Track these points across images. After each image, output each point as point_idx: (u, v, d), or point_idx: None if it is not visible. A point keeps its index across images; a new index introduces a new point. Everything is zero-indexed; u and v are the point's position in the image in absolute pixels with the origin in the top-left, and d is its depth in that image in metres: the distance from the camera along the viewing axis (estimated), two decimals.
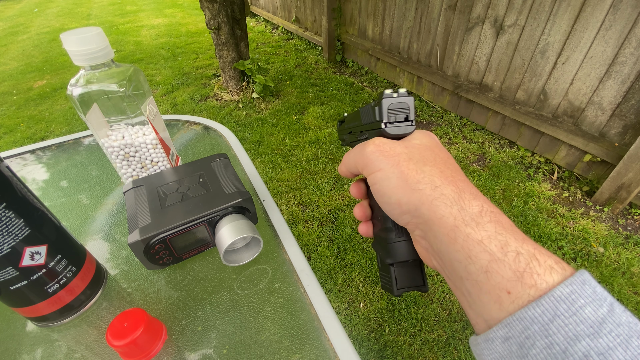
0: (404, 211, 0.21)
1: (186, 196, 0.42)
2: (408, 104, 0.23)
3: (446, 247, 0.19)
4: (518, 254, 0.17)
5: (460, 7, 1.95)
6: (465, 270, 0.18)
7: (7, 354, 0.35)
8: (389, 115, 0.23)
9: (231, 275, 0.42)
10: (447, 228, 0.19)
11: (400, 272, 0.25)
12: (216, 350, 0.35)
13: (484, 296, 0.17)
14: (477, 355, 0.19)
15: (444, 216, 0.19)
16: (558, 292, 0.15)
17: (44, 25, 5.11)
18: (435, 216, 0.19)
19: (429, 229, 0.20)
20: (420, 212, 0.20)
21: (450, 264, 0.19)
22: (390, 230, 0.25)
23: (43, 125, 2.45)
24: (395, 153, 0.22)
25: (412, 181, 0.20)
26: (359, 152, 0.24)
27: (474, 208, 0.19)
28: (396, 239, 0.24)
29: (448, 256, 0.19)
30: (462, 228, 0.18)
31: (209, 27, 2.30)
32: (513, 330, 0.16)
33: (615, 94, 1.47)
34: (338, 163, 1.89)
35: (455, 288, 0.20)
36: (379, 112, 0.24)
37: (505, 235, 0.18)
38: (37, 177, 0.60)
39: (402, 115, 0.23)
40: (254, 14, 4.82)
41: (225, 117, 2.38)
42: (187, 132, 0.71)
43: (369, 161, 0.23)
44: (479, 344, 0.18)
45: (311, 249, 1.42)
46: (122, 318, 0.32)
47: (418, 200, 0.20)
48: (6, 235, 0.29)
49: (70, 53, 0.40)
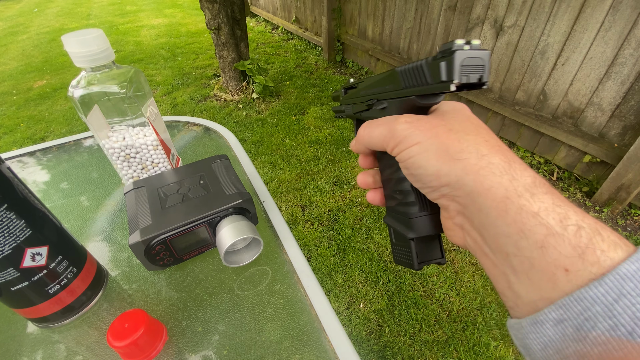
0: (443, 183, 0.19)
1: (187, 197, 0.42)
2: (484, 59, 0.18)
3: (493, 221, 0.17)
4: (579, 228, 0.15)
5: (460, 8, 1.96)
6: (515, 245, 0.16)
7: (8, 354, 0.35)
8: (461, 74, 0.18)
9: (232, 276, 0.42)
10: (496, 200, 0.17)
11: (419, 246, 0.24)
12: (216, 352, 0.35)
13: (535, 274, 0.16)
14: (518, 339, 0.17)
15: (493, 187, 0.17)
16: (624, 269, 0.14)
17: (44, 25, 5.12)
18: (481, 187, 0.17)
19: (471, 202, 0.18)
20: (463, 183, 0.18)
21: (495, 240, 0.17)
22: (412, 204, 0.23)
23: (43, 125, 2.45)
24: (432, 126, 0.20)
25: (454, 150, 0.19)
26: (386, 129, 0.22)
27: (526, 178, 0.17)
28: (419, 214, 0.23)
29: (494, 230, 0.17)
30: (515, 199, 0.16)
31: (209, 28, 2.30)
32: (569, 312, 0.15)
33: (614, 94, 1.47)
34: (338, 163, 1.89)
35: (494, 267, 0.18)
36: (447, 69, 0.18)
37: (565, 208, 0.16)
38: (38, 178, 0.60)
39: (477, 74, 0.18)
40: (254, 14, 4.82)
41: (225, 117, 2.39)
42: (187, 133, 0.71)
43: (402, 138, 0.20)
44: (522, 327, 0.17)
45: (311, 249, 1.42)
46: (123, 319, 0.32)
47: (461, 170, 0.18)
48: (7, 236, 0.29)
49: (71, 55, 0.40)
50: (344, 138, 2.09)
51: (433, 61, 0.19)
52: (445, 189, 0.19)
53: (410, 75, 0.21)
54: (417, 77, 0.20)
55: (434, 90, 0.19)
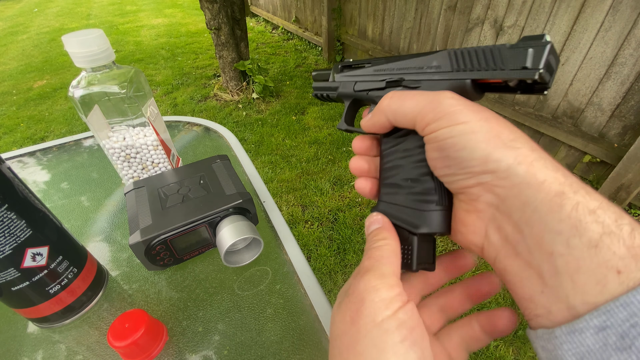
0: (488, 170, 0.17)
1: (187, 197, 0.42)
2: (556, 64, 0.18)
3: (542, 216, 0.16)
4: (633, 228, 0.14)
5: (460, 8, 1.96)
6: (566, 243, 0.15)
7: (9, 354, 0.35)
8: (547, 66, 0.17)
9: (232, 276, 0.42)
10: (550, 194, 0.16)
11: (420, 245, 0.21)
12: (217, 352, 0.35)
13: (583, 276, 0.15)
14: (547, 351, 0.16)
15: (547, 180, 0.16)
16: None
17: (44, 25, 5.11)
18: (534, 179, 0.16)
19: (516, 194, 0.17)
20: (513, 172, 0.17)
21: (540, 237, 0.16)
22: (429, 194, 0.21)
23: (43, 125, 2.45)
24: (481, 109, 0.19)
25: (506, 138, 0.17)
26: (426, 101, 0.20)
27: (575, 178, 0.16)
28: (435, 207, 0.21)
29: (541, 227, 0.16)
30: (571, 195, 0.15)
31: (209, 28, 2.30)
32: (614, 318, 0.13)
33: (614, 94, 1.47)
34: (338, 163, 1.89)
35: (526, 269, 0.17)
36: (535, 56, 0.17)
37: (616, 208, 0.15)
38: (38, 178, 0.60)
39: (550, 74, 0.18)
40: (254, 14, 4.82)
41: (225, 117, 2.39)
42: (187, 134, 0.71)
43: (447, 113, 0.18)
44: (555, 337, 0.15)
45: (311, 249, 1.42)
46: (123, 319, 0.32)
47: (514, 159, 0.17)
48: (8, 236, 0.29)
49: (71, 55, 0.40)
50: (343, 138, 2.09)
51: (515, 47, 0.18)
52: (487, 177, 0.18)
53: (470, 57, 0.20)
54: (483, 60, 0.19)
55: (512, 76, 0.18)
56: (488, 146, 0.17)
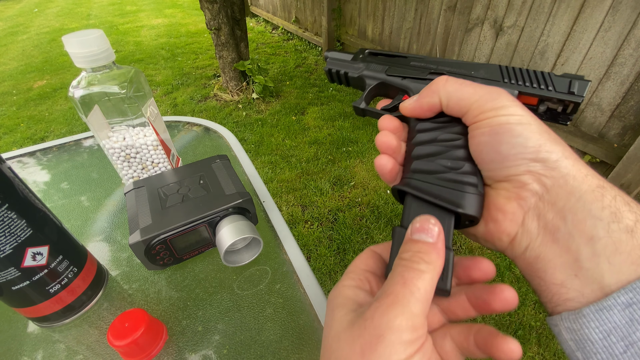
0: (540, 158, 0.19)
1: (187, 197, 0.43)
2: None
3: (586, 204, 0.18)
4: None
5: (460, 8, 1.96)
6: (606, 228, 0.17)
7: (9, 354, 0.35)
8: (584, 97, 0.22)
9: (231, 276, 0.42)
10: (592, 185, 0.18)
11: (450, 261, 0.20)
12: (216, 351, 0.35)
13: (619, 257, 0.16)
14: (572, 332, 0.17)
15: (589, 175, 0.18)
16: None
17: (44, 25, 5.12)
18: (579, 173, 0.18)
19: (562, 184, 0.18)
20: (562, 165, 0.18)
21: (582, 223, 0.18)
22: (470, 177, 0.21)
23: (43, 125, 2.45)
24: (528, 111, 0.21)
25: (554, 136, 0.19)
26: (485, 91, 0.21)
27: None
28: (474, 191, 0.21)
29: (584, 214, 0.18)
30: (609, 188, 0.18)
31: (209, 28, 2.30)
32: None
33: (614, 95, 1.47)
34: (338, 163, 1.89)
35: (564, 253, 0.18)
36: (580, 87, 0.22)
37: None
38: (39, 178, 0.60)
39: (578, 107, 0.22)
40: (254, 15, 4.82)
41: (225, 117, 2.39)
42: (187, 134, 0.71)
43: (504, 105, 0.20)
44: (583, 316, 0.16)
45: (311, 249, 1.42)
46: (123, 318, 0.32)
47: (561, 153, 0.19)
48: (8, 235, 0.30)
49: (71, 55, 0.40)
50: (343, 138, 2.09)
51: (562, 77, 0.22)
52: (537, 166, 0.19)
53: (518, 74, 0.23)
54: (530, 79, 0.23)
55: (560, 97, 0.22)
56: (541, 137, 0.19)
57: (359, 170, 1.85)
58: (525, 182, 0.19)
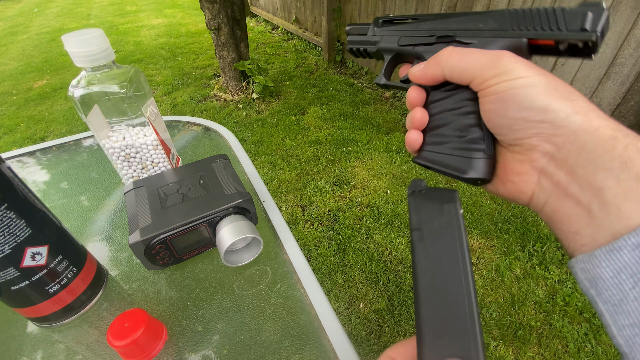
0: (548, 119, 0.19)
1: (187, 197, 0.42)
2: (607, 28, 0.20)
3: (597, 157, 0.18)
4: None
5: (460, 8, 1.96)
6: (617, 178, 0.17)
7: (8, 354, 0.35)
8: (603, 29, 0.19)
9: (231, 276, 0.42)
10: (603, 138, 0.18)
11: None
12: (216, 351, 0.35)
13: (629, 204, 0.17)
14: (586, 272, 0.18)
15: (601, 127, 0.18)
16: None
17: (44, 25, 5.12)
18: (590, 125, 0.18)
19: (573, 140, 0.19)
20: (571, 121, 0.19)
21: (592, 176, 0.18)
22: (478, 142, 0.22)
23: (43, 125, 2.45)
24: (537, 67, 0.20)
25: (563, 91, 0.19)
26: (486, 58, 0.21)
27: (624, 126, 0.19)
28: (483, 155, 0.22)
29: (594, 166, 0.18)
30: (622, 138, 0.18)
31: (209, 28, 2.30)
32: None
33: (614, 95, 1.47)
34: (338, 163, 1.89)
35: (576, 205, 0.19)
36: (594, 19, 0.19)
37: None
38: (38, 178, 0.60)
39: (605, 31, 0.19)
40: (254, 15, 4.82)
41: (225, 117, 2.39)
42: (187, 133, 0.71)
43: (506, 69, 0.20)
44: (595, 257, 0.17)
45: (311, 249, 1.42)
46: (123, 318, 0.32)
47: (571, 109, 0.19)
48: (7, 235, 0.29)
49: (71, 54, 0.40)
50: (343, 138, 2.09)
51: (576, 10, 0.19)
52: (545, 127, 0.19)
53: (527, 17, 0.21)
54: (540, 21, 0.21)
55: (571, 37, 0.20)
56: (547, 97, 0.19)
57: (359, 170, 1.84)
58: (535, 145, 0.20)
